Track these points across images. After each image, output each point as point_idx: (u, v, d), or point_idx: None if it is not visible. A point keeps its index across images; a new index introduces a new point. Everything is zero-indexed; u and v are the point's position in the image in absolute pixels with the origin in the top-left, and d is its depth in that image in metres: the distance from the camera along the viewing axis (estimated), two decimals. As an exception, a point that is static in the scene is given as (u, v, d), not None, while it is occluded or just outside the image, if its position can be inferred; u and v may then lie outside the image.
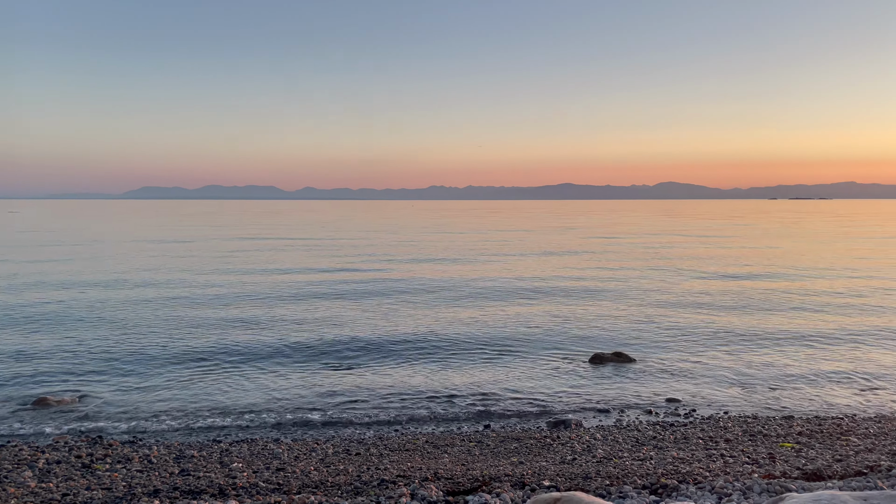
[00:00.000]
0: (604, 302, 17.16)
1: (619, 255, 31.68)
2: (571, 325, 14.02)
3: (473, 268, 25.46)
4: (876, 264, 26.81)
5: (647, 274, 23.67)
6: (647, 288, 19.81)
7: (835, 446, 6.65)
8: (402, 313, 15.42)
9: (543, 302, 17.09)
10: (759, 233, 51.39)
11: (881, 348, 11.87)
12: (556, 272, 24.14)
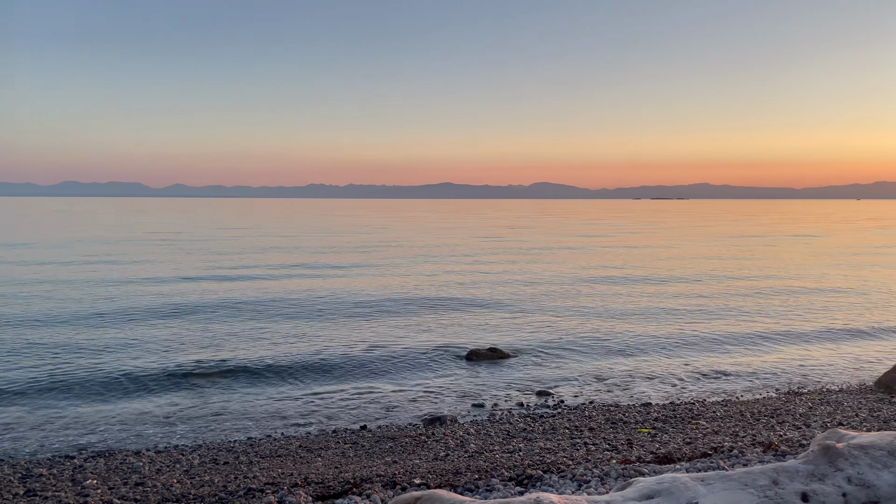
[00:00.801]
0: (480, 299, 17.54)
1: (495, 253, 32.52)
2: (448, 323, 14.22)
3: (351, 265, 25.26)
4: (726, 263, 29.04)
5: (522, 270, 24.45)
6: (522, 284, 20.46)
7: (686, 430, 7.16)
8: (278, 314, 15.02)
9: (420, 299, 17.22)
10: (625, 230, 54.54)
11: (731, 337, 12.89)
12: (434, 270, 24.43)
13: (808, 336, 12.96)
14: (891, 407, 7.88)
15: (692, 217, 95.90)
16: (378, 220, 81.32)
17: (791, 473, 3.30)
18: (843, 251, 34.57)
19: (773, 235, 49.01)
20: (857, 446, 3.45)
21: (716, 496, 3.13)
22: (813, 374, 10.35)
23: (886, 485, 3.31)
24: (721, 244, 39.66)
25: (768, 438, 6.35)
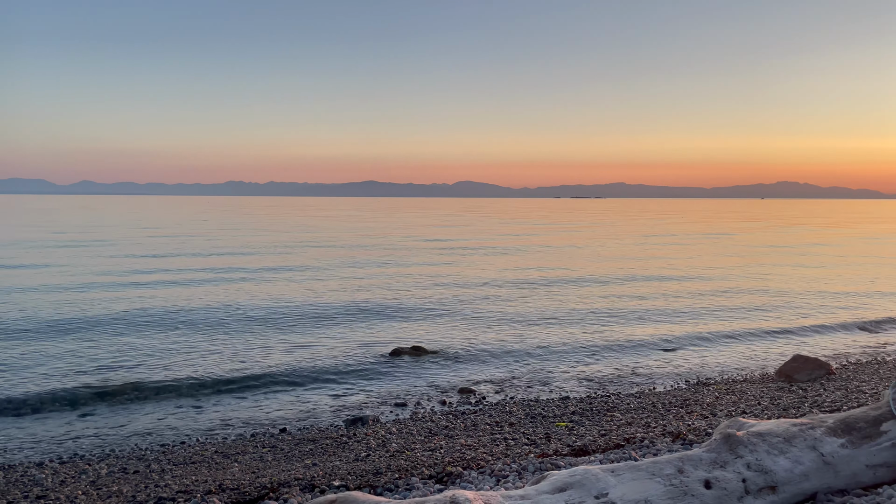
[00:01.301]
0: (404, 298, 17.51)
1: (419, 253, 32.58)
2: (371, 323, 14.13)
3: (270, 265, 24.74)
4: (641, 262, 30.10)
5: (446, 270, 24.59)
6: (447, 283, 20.57)
7: (601, 422, 7.37)
8: (192, 318, 14.53)
9: (342, 300, 17.05)
10: (546, 230, 55.73)
11: (646, 332, 13.37)
12: (356, 270, 24.24)
13: (715, 330, 13.58)
14: (790, 395, 8.35)
15: (610, 216, 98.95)
16: (300, 219, 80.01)
17: (695, 462, 3.44)
18: (750, 249, 36.44)
19: (686, 234, 51.17)
20: (755, 434, 3.64)
21: (625, 486, 3.23)
22: (720, 365, 10.86)
23: (782, 470, 3.51)
24: (636, 243, 41.09)
25: (677, 428, 6.62)
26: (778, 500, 3.44)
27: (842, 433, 3.77)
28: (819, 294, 18.46)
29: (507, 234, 49.42)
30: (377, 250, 33.03)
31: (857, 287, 20.00)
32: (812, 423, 3.83)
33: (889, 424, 3.89)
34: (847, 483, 3.63)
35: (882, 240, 44.17)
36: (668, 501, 3.21)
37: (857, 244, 39.51)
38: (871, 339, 12.69)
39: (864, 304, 16.63)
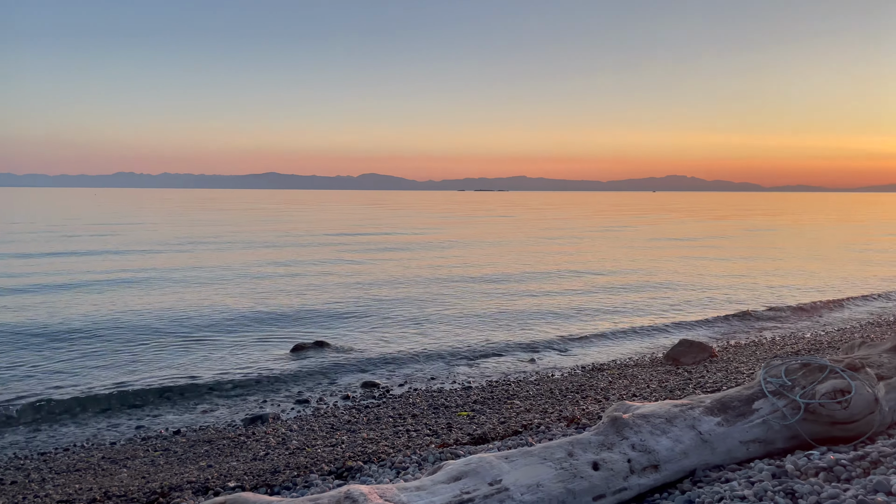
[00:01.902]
0: (306, 290, 17.22)
1: (323, 246, 32.11)
2: (272, 318, 13.81)
3: (167, 257, 23.69)
4: (541, 254, 30.91)
5: (350, 264, 24.37)
6: (351, 278, 20.39)
7: (501, 410, 7.54)
8: (75, 321, 13.71)
9: (243, 295, 16.57)
10: (452, 223, 56.27)
11: (545, 321, 13.76)
12: (256, 266, 23.61)
13: (610, 318, 14.17)
14: (676, 377, 8.83)
15: (514, 209, 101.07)
16: (195, 213, 77.04)
17: (584, 445, 3.58)
18: (643, 241, 38.21)
19: (585, 227, 53.01)
20: (640, 416, 3.82)
21: (518, 472, 3.31)
22: (614, 351, 11.34)
23: (664, 449, 3.70)
24: (539, 236, 42.19)
25: (572, 413, 6.86)
26: (660, 478, 3.63)
27: (718, 412, 4.02)
28: (704, 282, 19.62)
29: (412, 227, 49.53)
30: (277, 247, 32.28)
31: (739, 276, 21.41)
32: (692, 403, 4.06)
33: (760, 402, 4.18)
34: (723, 459, 3.87)
35: (763, 231, 47.46)
36: (559, 484, 3.31)
37: (741, 235, 42.28)
38: (750, 324, 13.60)
39: (744, 292, 17.80)
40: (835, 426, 4.14)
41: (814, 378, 4.29)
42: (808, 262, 25.38)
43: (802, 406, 4.10)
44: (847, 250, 30.81)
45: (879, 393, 4.28)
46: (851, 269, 22.69)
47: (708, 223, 57.20)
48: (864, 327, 12.11)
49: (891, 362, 4.70)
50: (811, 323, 13.54)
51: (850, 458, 3.12)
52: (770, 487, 2.90)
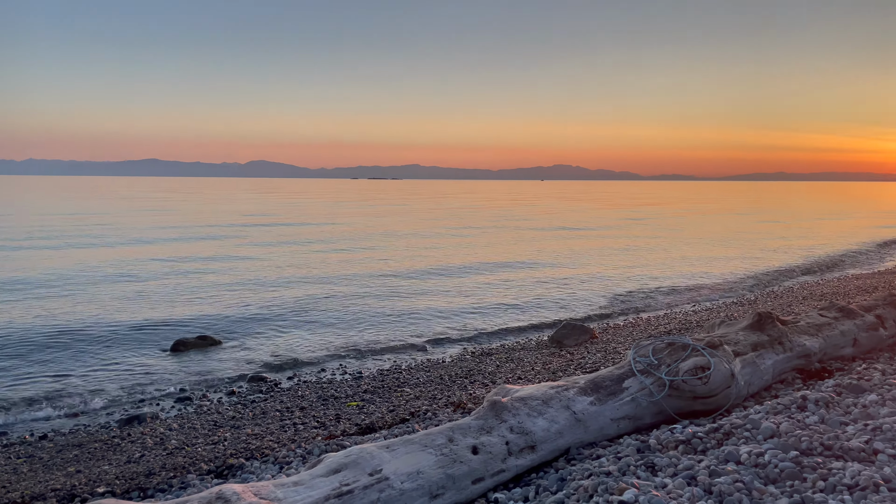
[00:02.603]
0: (187, 284, 16.50)
1: (205, 238, 30.88)
2: (152, 312, 13.13)
3: (36, 247, 21.98)
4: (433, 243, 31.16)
5: (234, 253, 23.57)
6: (235, 269, 19.73)
7: (391, 399, 7.55)
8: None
9: (117, 287, 15.66)
10: (344, 210, 55.63)
11: (437, 310, 13.89)
12: (131, 256, 22.38)
13: (500, 302, 14.51)
14: (560, 359, 9.17)
15: (410, 197, 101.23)
16: (64, 203, 72.00)
17: (465, 430, 3.64)
18: (530, 228, 39.33)
19: (475, 215, 53.90)
20: (518, 399, 3.93)
21: (399, 461, 3.32)
22: (503, 336, 11.62)
23: (540, 430, 3.83)
24: (434, 225, 42.50)
25: (459, 398, 6.98)
26: (537, 458, 3.76)
27: (591, 392, 4.21)
28: (589, 268, 20.47)
29: (302, 217, 48.55)
30: (156, 236, 30.72)
31: (621, 261, 22.50)
32: (567, 385, 4.22)
33: (630, 381, 4.42)
34: (596, 437, 4.05)
35: (641, 219, 50.07)
36: (439, 470, 3.36)
37: (623, 222, 44.42)
38: (629, 306, 14.34)
39: (625, 277, 18.73)
40: (696, 400, 4.44)
41: (678, 356, 4.57)
42: (683, 247, 27.05)
43: (667, 383, 4.36)
44: (719, 236, 33.09)
45: (736, 368, 4.63)
46: (722, 253, 24.40)
47: (594, 211, 59.72)
48: (729, 307, 13.06)
49: (746, 339, 5.09)
50: (683, 304, 14.45)
51: (706, 430, 3.35)
52: (633, 462, 3.06)
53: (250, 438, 6.19)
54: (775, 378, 5.04)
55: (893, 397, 3.72)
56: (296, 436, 6.10)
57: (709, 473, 2.71)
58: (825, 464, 2.72)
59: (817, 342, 5.38)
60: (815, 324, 5.63)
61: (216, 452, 5.72)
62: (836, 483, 2.55)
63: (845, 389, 3.95)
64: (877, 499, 2.44)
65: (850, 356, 5.57)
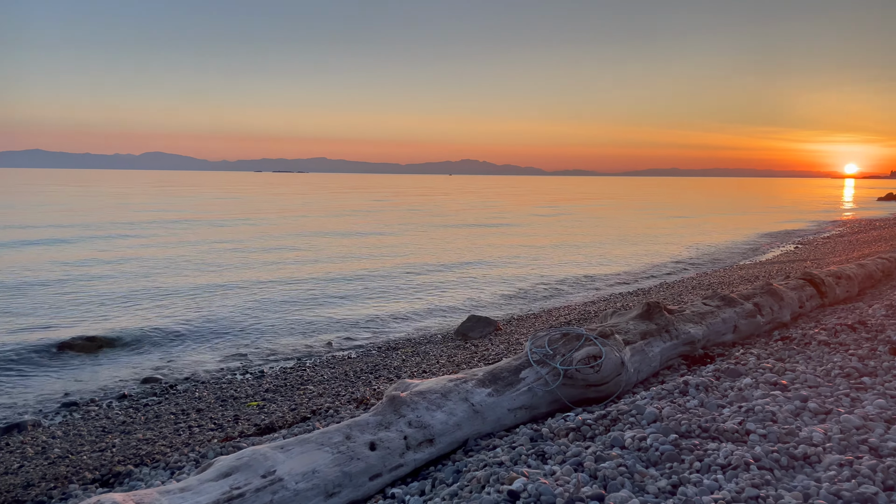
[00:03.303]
0: (72, 282, 15.56)
1: (98, 231, 29.25)
2: (32, 312, 12.29)
3: None
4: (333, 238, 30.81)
5: (126, 247, 22.45)
6: (127, 263, 18.78)
7: (294, 397, 7.40)
8: None
9: None
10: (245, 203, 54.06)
11: (339, 304, 13.73)
12: (14, 253, 20.90)
13: (406, 296, 14.52)
14: (464, 352, 9.28)
15: (316, 191, 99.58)
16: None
17: (362, 426, 3.61)
18: (438, 222, 39.60)
19: (383, 209, 53.69)
20: (417, 393, 3.94)
21: (293, 461, 3.26)
22: (410, 330, 11.63)
23: (439, 423, 3.86)
24: (340, 218, 42.01)
25: (363, 394, 6.94)
26: (436, 451, 3.78)
27: (489, 383, 4.27)
28: (494, 261, 20.83)
29: (200, 210, 46.81)
30: (45, 231, 28.80)
31: (525, 254, 23.02)
32: (466, 377, 4.27)
33: (527, 372, 4.52)
34: (493, 427, 4.12)
35: (547, 213, 51.42)
36: (335, 468, 3.32)
37: (528, 217, 45.45)
38: (533, 298, 14.69)
39: (529, 269, 19.18)
40: (589, 388, 4.60)
41: (572, 346, 4.72)
42: (586, 240, 27.99)
43: (562, 372, 4.50)
44: (619, 230, 34.45)
45: (626, 356, 4.83)
46: (621, 246, 25.42)
47: (500, 206, 60.79)
48: (625, 297, 13.63)
49: (636, 328, 5.32)
50: (583, 295, 14.95)
51: (595, 417, 3.47)
52: (525, 451, 3.13)
53: (141, 444, 5.90)
54: (663, 364, 5.29)
55: (766, 380, 3.98)
56: (190, 439, 5.87)
57: (595, 459, 2.81)
58: (702, 445, 2.88)
59: (701, 329, 5.70)
60: (700, 312, 5.96)
61: (103, 460, 5.41)
62: (710, 463, 2.71)
63: (723, 374, 4.19)
64: (747, 477, 2.60)
65: (730, 342, 5.93)
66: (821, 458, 2.75)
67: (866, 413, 3.34)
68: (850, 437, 2.98)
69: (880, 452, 2.86)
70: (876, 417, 3.29)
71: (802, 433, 3.02)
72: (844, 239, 24.61)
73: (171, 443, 5.81)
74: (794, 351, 4.79)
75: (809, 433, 3.01)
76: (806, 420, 3.26)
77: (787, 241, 26.18)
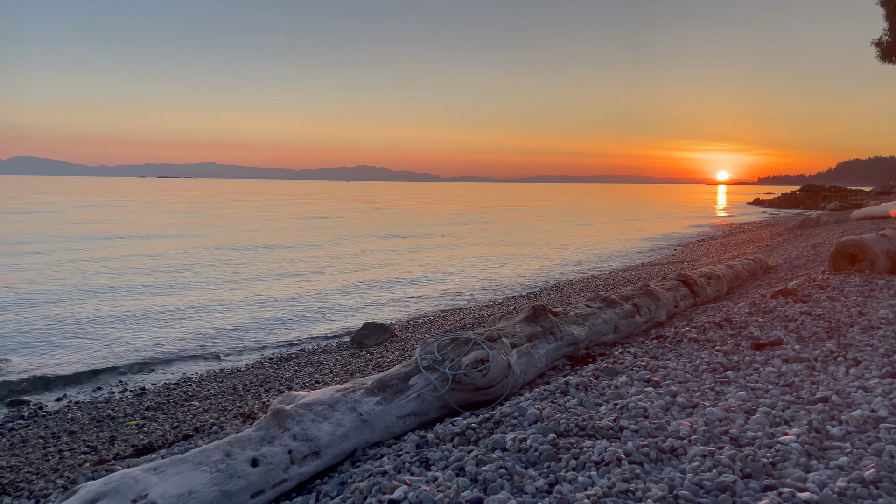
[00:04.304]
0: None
1: (-37, 240, 26.86)
2: None
3: None
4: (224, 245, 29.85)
5: None
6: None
7: (177, 414, 7.06)
8: None
9: None
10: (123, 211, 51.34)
11: (232, 312, 13.26)
12: None
13: (300, 304, 14.21)
14: (359, 360, 9.19)
15: (206, 198, 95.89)
16: None
17: (244, 442, 3.49)
18: (335, 229, 39.11)
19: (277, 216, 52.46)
20: (303, 405, 3.85)
21: (167, 483, 3.10)
22: (303, 339, 11.39)
23: (325, 434, 3.79)
24: (228, 230, 40.67)
25: (252, 408, 6.72)
26: (322, 464, 3.71)
27: (378, 392, 4.25)
28: (392, 267, 20.80)
29: (71, 219, 43.97)
30: None
31: (421, 260, 23.12)
32: (354, 386, 4.22)
33: (416, 378, 4.53)
34: (382, 436, 4.10)
35: (443, 219, 51.89)
36: (214, 488, 3.18)
37: (428, 222, 45.72)
38: (429, 303, 14.78)
39: (424, 275, 19.28)
40: (477, 392, 4.67)
41: (461, 351, 4.78)
42: (482, 245, 28.48)
43: (450, 377, 4.54)
44: (515, 235, 35.29)
45: (512, 359, 4.94)
46: (516, 250, 26.05)
47: (397, 212, 60.83)
48: (517, 300, 13.97)
49: (522, 331, 5.45)
50: (479, 299, 15.19)
51: (479, 420, 3.52)
52: (409, 459, 3.13)
53: (4, 472, 5.43)
54: (548, 365, 5.46)
55: (640, 378, 4.19)
56: (60, 464, 5.46)
57: (476, 463, 2.85)
58: (578, 443, 2.99)
59: (584, 330, 5.93)
60: (583, 314, 6.19)
61: (-43, 493, 4.94)
62: (586, 461, 2.81)
63: (602, 373, 4.37)
64: (618, 472, 2.72)
65: (611, 342, 6.20)
66: (686, 451, 2.92)
67: (729, 405, 3.57)
68: (713, 429, 3.18)
69: (740, 442, 3.07)
70: (737, 409, 3.53)
71: (671, 427, 3.19)
72: (717, 241, 26.39)
73: (37, 469, 5.38)
74: (668, 349, 5.07)
75: (677, 427, 3.19)
76: (675, 414, 3.45)
77: (667, 244, 27.75)
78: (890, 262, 8.35)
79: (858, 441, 3.03)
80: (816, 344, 4.86)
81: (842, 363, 4.34)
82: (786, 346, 4.89)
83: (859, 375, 4.05)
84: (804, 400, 3.65)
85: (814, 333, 5.14)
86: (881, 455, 2.84)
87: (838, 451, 2.92)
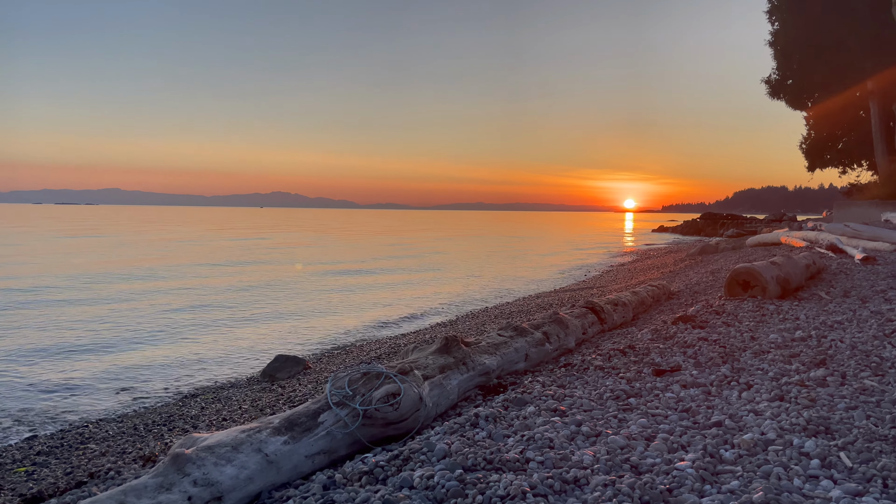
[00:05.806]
0: None
1: None
2: None
3: None
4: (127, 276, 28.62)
5: None
6: None
7: (71, 458, 6.63)
8: None
9: None
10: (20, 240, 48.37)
11: (132, 345, 12.63)
12: None
13: (207, 339, 13.71)
14: (270, 394, 8.93)
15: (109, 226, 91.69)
16: None
17: (139, 491, 3.31)
18: (243, 261, 38.18)
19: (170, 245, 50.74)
20: (205, 448, 3.70)
21: (53, 539, 2.90)
22: (212, 373, 10.96)
23: (228, 478, 3.65)
24: (131, 261, 39.03)
25: (153, 450, 6.39)
26: (225, 509, 3.56)
27: (285, 431, 4.13)
28: (299, 300, 20.42)
29: (-29, 245, 41.05)
30: None
31: (336, 290, 22.84)
32: (260, 426, 4.09)
33: (326, 415, 4.44)
34: (290, 476, 3.98)
35: (364, 248, 51.54)
36: (104, 542, 3.00)
37: (344, 253, 45.24)
38: (342, 335, 14.57)
39: (337, 306, 19.03)
40: (389, 426, 4.62)
41: (372, 385, 4.73)
42: (398, 273, 28.43)
43: (361, 413, 4.48)
44: (431, 262, 35.42)
45: (424, 392, 4.93)
46: (432, 277, 26.13)
47: (312, 241, 59.98)
48: (434, 329, 13.99)
49: (435, 363, 5.46)
50: (394, 329, 15.12)
51: (388, 458, 3.48)
52: (314, 502, 3.06)
53: None
54: (461, 396, 5.48)
55: (548, 407, 4.27)
56: (-67, 522, 5.01)
57: (383, 503, 2.81)
58: (485, 478, 3.00)
59: (495, 360, 6.00)
60: (494, 343, 6.27)
61: None
62: (491, 495, 2.82)
63: (511, 403, 4.43)
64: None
65: (522, 370, 6.29)
66: (589, 480, 2.99)
67: (630, 433, 3.69)
68: (615, 458, 3.27)
69: (640, 469, 3.17)
70: (638, 436, 3.65)
71: (575, 457, 3.26)
72: (624, 268, 27.41)
73: None
74: (575, 377, 5.19)
75: (581, 457, 3.26)
76: (579, 444, 3.53)
77: (578, 270, 28.60)
78: (780, 288, 8.91)
79: (749, 464, 3.19)
80: (712, 369, 5.11)
81: (735, 387, 4.57)
82: (684, 371, 5.11)
83: (751, 399, 4.28)
84: (700, 425, 3.82)
85: (710, 359, 5.41)
86: (769, 477, 3.00)
87: (730, 475, 3.07)
